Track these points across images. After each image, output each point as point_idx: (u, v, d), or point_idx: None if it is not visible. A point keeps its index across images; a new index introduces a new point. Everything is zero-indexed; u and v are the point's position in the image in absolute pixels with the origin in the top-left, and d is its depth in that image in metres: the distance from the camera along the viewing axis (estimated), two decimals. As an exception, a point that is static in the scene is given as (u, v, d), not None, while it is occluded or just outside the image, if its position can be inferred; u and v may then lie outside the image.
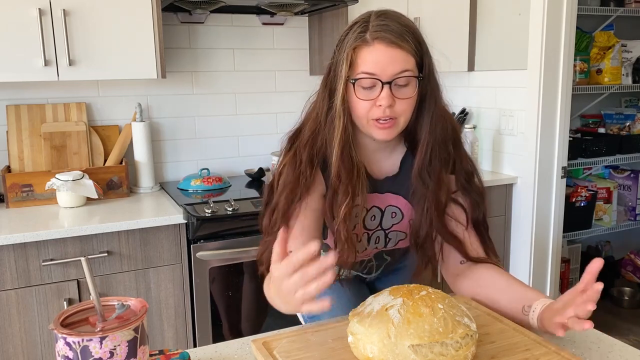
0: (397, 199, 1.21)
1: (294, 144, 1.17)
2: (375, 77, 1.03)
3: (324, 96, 1.11)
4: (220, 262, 2.06)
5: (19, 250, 1.80)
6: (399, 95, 1.05)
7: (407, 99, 1.06)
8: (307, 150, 1.11)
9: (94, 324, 0.78)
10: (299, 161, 1.11)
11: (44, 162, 2.23)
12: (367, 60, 1.03)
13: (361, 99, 1.06)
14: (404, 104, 1.06)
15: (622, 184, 3.19)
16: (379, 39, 1.02)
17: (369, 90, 1.05)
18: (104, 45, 2.05)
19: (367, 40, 1.03)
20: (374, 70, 1.03)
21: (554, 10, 2.37)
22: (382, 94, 1.04)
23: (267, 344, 0.96)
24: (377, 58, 1.03)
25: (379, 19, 1.04)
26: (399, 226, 1.23)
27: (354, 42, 1.04)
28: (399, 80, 1.04)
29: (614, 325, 2.97)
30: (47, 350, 1.89)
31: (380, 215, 1.21)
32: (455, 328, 0.85)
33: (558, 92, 2.45)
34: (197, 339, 2.08)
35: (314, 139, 1.12)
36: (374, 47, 1.03)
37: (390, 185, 1.20)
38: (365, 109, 1.06)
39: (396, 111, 1.06)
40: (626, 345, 0.99)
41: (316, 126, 1.12)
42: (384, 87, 1.03)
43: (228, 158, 2.66)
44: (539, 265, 2.59)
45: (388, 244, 1.26)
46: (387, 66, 1.03)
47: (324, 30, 2.55)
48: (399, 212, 1.22)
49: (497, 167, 2.71)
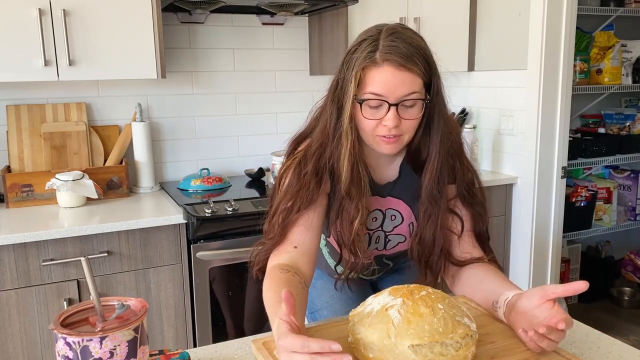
0: (397, 203, 1.22)
1: (297, 148, 1.17)
2: (383, 98, 1.04)
3: (332, 110, 1.10)
4: (220, 262, 2.06)
5: (19, 250, 1.80)
6: (405, 116, 1.06)
7: (413, 120, 1.07)
8: (313, 161, 1.11)
9: (94, 324, 0.78)
10: (304, 172, 1.11)
11: (44, 162, 2.23)
12: (376, 81, 1.03)
13: (367, 118, 1.06)
14: (409, 124, 1.07)
15: (622, 184, 3.19)
16: (388, 61, 1.02)
17: (375, 110, 1.06)
18: (104, 45, 2.05)
19: (377, 61, 1.03)
20: (382, 92, 1.03)
21: (554, 10, 2.37)
22: (388, 115, 1.04)
23: (267, 344, 0.96)
24: (385, 79, 1.03)
25: (389, 39, 1.03)
26: (399, 229, 1.24)
27: (363, 61, 1.04)
28: (406, 102, 1.04)
29: (614, 325, 2.97)
30: (47, 350, 1.89)
31: (382, 217, 1.22)
32: (455, 328, 0.85)
33: (558, 92, 2.45)
34: (197, 339, 2.08)
35: (321, 151, 1.12)
36: (383, 69, 1.03)
37: (391, 190, 1.21)
38: (371, 127, 1.07)
39: (401, 130, 1.07)
40: (626, 345, 0.99)
41: (324, 139, 1.11)
42: (391, 108, 1.04)
43: (228, 158, 2.66)
44: (539, 265, 2.59)
45: (387, 244, 1.27)
46: (395, 88, 1.03)
47: (324, 30, 2.55)
48: (399, 215, 1.23)
49: (497, 167, 2.71)
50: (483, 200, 1.20)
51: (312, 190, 1.09)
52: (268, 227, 1.15)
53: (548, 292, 0.91)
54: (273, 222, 1.12)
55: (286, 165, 1.16)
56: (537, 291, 0.92)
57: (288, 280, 1.01)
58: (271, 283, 1.02)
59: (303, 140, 1.18)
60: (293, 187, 1.11)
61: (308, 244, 1.10)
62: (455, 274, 1.18)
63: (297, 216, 1.10)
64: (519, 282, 2.63)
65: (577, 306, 3.17)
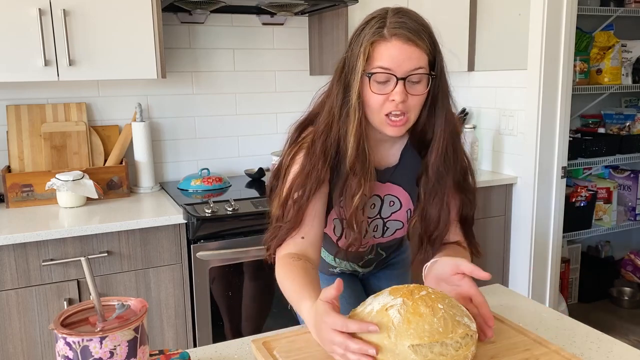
0: (397, 189, 1.23)
1: (301, 134, 1.19)
2: (391, 72, 1.06)
3: (338, 90, 1.12)
4: (220, 262, 2.06)
5: (19, 250, 1.80)
6: (412, 91, 1.08)
7: (419, 96, 1.09)
8: (321, 142, 1.13)
9: (94, 324, 0.78)
10: (313, 153, 1.13)
11: (44, 162, 2.23)
12: (384, 55, 1.05)
13: (375, 93, 1.08)
14: (415, 100, 1.09)
15: (622, 184, 3.19)
16: (397, 35, 1.05)
17: (383, 85, 1.07)
18: (104, 45, 2.05)
19: (385, 36, 1.05)
20: (390, 66, 1.05)
21: (554, 10, 2.37)
22: (396, 89, 1.06)
23: (267, 344, 0.96)
24: (393, 54, 1.05)
25: (397, 16, 1.07)
26: (397, 215, 1.25)
27: (372, 36, 1.06)
28: (413, 77, 1.06)
29: (614, 325, 2.97)
30: (47, 350, 1.89)
31: (380, 203, 1.24)
32: (455, 328, 0.85)
33: (558, 92, 2.45)
34: (197, 339, 2.08)
35: (328, 131, 1.14)
36: (392, 43, 1.05)
37: (390, 175, 1.22)
38: (379, 103, 1.09)
39: (408, 106, 1.09)
40: (626, 345, 0.99)
41: (330, 119, 1.13)
42: (399, 82, 1.06)
43: (228, 158, 2.66)
44: (539, 265, 2.59)
45: (385, 232, 1.28)
46: (403, 62, 1.05)
47: (324, 30, 2.55)
48: (398, 201, 1.24)
49: (497, 167, 2.71)
50: (474, 187, 1.24)
51: (320, 170, 1.12)
52: (280, 212, 1.15)
53: (461, 267, 1.01)
54: (288, 208, 1.13)
55: (293, 151, 1.17)
56: (451, 263, 1.03)
57: (303, 268, 1.07)
58: (287, 271, 1.07)
59: (307, 127, 1.20)
60: (305, 170, 1.13)
61: (314, 234, 1.14)
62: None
63: (309, 201, 1.12)
64: (519, 282, 2.64)
65: (577, 306, 3.17)
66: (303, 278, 1.04)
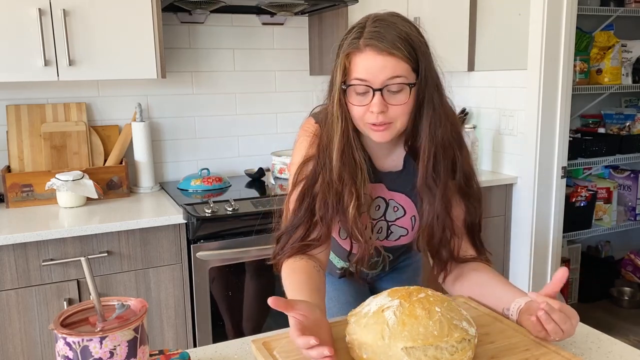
0: (400, 196, 1.22)
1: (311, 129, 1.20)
2: (367, 84, 1.05)
3: (326, 99, 1.14)
4: (220, 262, 2.06)
5: (19, 250, 1.80)
6: (392, 101, 1.06)
7: (401, 105, 1.06)
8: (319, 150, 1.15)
9: (94, 324, 0.78)
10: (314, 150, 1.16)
11: (44, 162, 2.23)
12: (359, 66, 1.05)
13: (355, 105, 1.08)
14: (397, 110, 1.07)
15: (622, 184, 3.19)
16: (370, 46, 1.03)
17: (362, 96, 1.07)
18: (104, 45, 2.05)
19: (360, 47, 1.04)
20: (365, 77, 1.04)
21: (554, 10, 2.37)
22: (373, 100, 1.05)
23: (267, 344, 0.96)
24: (367, 64, 1.04)
25: (373, 25, 1.05)
26: (401, 221, 1.24)
27: (348, 48, 1.06)
28: (391, 86, 1.04)
29: (614, 325, 2.97)
30: (47, 350, 1.89)
31: (385, 206, 1.23)
32: (451, 332, 0.84)
33: (558, 92, 2.45)
34: (197, 339, 2.08)
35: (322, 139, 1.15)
36: (365, 54, 1.04)
37: (393, 181, 1.21)
38: (360, 114, 1.08)
39: (390, 116, 1.07)
40: (626, 345, 0.99)
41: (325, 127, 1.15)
42: (375, 93, 1.04)
43: (228, 158, 2.66)
44: (539, 265, 2.59)
45: (390, 236, 1.27)
46: (378, 73, 1.04)
47: (324, 30, 2.55)
48: (401, 208, 1.23)
49: (497, 167, 2.71)
50: (479, 193, 1.21)
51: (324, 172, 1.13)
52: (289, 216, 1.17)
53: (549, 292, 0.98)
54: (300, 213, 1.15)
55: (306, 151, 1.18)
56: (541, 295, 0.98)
57: (307, 272, 1.10)
58: (289, 271, 1.11)
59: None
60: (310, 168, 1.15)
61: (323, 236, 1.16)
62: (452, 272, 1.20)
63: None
64: (519, 282, 2.63)
65: (577, 306, 3.17)
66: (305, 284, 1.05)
